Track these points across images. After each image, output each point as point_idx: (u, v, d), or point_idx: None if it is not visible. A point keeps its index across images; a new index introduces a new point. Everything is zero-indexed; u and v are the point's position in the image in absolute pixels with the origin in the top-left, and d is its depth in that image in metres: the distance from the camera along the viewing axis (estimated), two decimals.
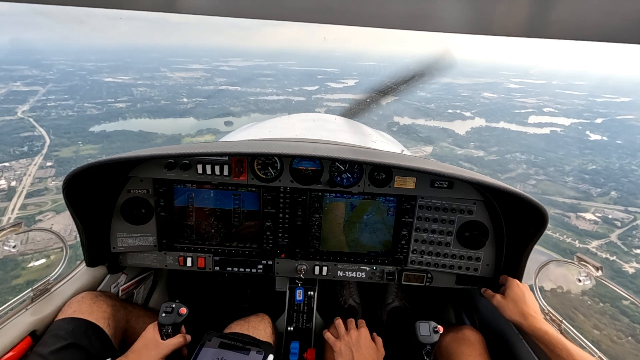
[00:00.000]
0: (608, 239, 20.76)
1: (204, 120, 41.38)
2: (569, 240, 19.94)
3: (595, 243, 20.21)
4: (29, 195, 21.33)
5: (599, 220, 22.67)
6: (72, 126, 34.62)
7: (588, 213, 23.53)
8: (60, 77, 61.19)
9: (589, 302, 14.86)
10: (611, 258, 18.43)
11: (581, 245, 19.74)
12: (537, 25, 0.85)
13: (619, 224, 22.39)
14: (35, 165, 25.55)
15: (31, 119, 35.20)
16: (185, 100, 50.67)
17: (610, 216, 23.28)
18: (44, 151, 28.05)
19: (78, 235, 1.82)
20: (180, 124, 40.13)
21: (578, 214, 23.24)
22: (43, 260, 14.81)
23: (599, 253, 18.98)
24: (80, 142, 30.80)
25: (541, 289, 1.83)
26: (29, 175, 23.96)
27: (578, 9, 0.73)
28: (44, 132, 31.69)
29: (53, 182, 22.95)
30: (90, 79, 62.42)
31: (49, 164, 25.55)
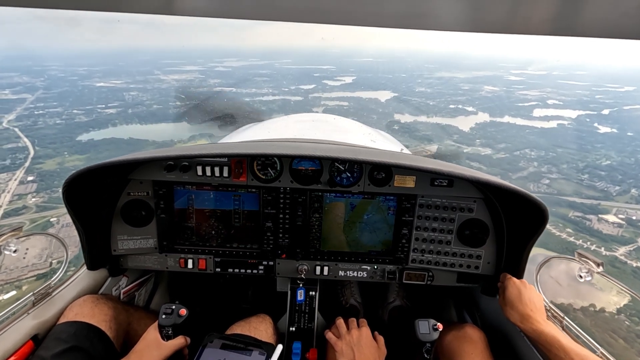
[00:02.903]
0: (636, 244, 19.04)
1: (198, 124, 39.53)
2: (593, 247, 18.26)
3: (623, 249, 18.57)
4: (6, 214, 19.61)
5: (623, 222, 21.13)
6: (58, 135, 33.45)
7: (610, 215, 22.01)
8: (50, 83, 59.88)
9: (627, 323, 13.06)
10: None
11: (608, 253, 18.06)
12: (537, 23, 0.84)
13: None
14: (15, 180, 23.80)
15: (17, 129, 34.05)
16: (178, 103, 48.79)
17: (634, 217, 21.81)
18: (27, 164, 26.62)
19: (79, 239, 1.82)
20: (172, 129, 38.35)
21: (600, 216, 21.66)
22: (13, 293, 13.10)
23: (629, 262, 17.27)
24: (66, 153, 29.62)
25: (569, 307, 1.76)
26: (8, 192, 22.19)
27: (578, 5, 0.74)
28: (28, 143, 30.38)
29: (33, 199, 21.32)
30: (82, 84, 61.26)
31: (30, 178, 24.00)
